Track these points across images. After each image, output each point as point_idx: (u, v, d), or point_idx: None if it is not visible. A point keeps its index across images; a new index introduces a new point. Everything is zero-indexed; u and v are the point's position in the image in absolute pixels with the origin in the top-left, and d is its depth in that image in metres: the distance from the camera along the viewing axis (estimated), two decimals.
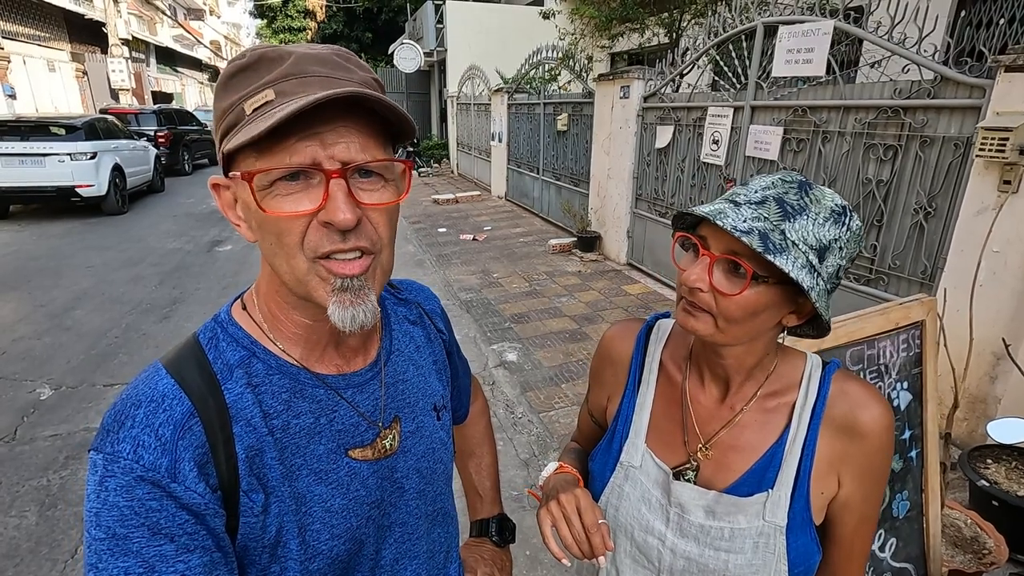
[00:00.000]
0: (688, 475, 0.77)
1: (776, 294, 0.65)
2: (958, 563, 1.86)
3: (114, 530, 0.50)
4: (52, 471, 2.71)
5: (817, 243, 0.63)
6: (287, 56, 0.55)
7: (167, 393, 0.55)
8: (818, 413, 0.72)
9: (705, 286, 0.65)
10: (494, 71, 9.78)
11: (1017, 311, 2.53)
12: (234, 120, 0.55)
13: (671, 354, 0.83)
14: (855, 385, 0.73)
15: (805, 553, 0.71)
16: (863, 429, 0.71)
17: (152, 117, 12.25)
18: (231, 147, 0.53)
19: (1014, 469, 2.23)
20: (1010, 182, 2.50)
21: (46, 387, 3.52)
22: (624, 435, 0.82)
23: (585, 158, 6.87)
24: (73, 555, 2.22)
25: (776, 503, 0.70)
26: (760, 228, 0.62)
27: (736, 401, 0.76)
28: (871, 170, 3.33)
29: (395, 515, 0.69)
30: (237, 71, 0.56)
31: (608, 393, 0.89)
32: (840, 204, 0.65)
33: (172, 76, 27.15)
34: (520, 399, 3.43)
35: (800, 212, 0.64)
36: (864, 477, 0.72)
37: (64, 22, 16.82)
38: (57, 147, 7.71)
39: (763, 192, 0.65)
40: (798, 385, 0.75)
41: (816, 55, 3.48)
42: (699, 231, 0.68)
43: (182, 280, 5.59)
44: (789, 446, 0.72)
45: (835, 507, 0.74)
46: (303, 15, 23.05)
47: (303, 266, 0.56)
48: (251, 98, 0.54)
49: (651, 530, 0.77)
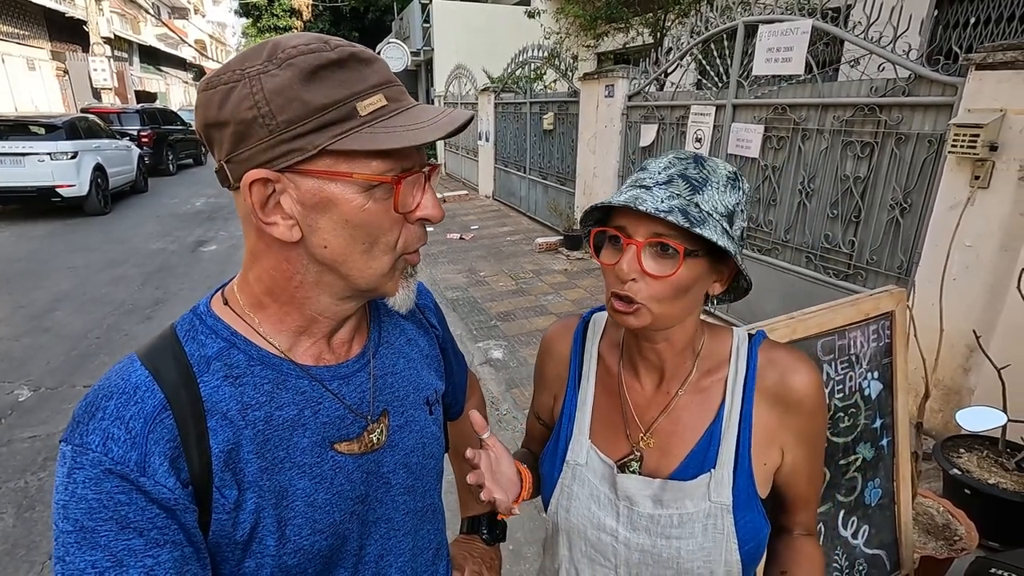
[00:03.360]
0: (633, 466, 0.76)
1: (702, 265, 0.67)
2: (930, 549, 1.90)
3: (82, 523, 0.49)
4: (30, 473, 2.68)
5: (725, 209, 0.67)
6: (374, 59, 0.57)
7: (140, 385, 0.54)
8: (750, 385, 0.73)
9: (638, 274, 0.66)
10: (481, 70, 9.78)
11: (988, 304, 2.58)
12: (341, 117, 0.53)
13: (608, 346, 0.84)
14: (781, 352, 0.75)
15: (753, 528, 0.72)
16: (796, 395, 0.72)
17: (135, 116, 12.08)
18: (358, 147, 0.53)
19: (985, 458, 2.28)
20: (980, 177, 2.55)
21: (25, 388, 3.47)
22: (569, 433, 0.82)
23: (571, 157, 6.89)
24: (51, 556, 2.19)
25: (720, 482, 0.71)
26: (678, 206, 0.64)
27: (672, 384, 0.76)
28: (849, 167, 3.38)
29: (380, 510, 0.68)
30: (326, 64, 0.53)
31: (554, 392, 0.89)
32: (732, 170, 0.69)
33: (156, 75, 26.82)
34: (505, 396, 3.44)
35: (704, 184, 0.66)
36: (805, 440, 0.75)
37: (44, 20, 16.54)
38: (37, 146, 7.59)
39: (666, 172, 0.67)
40: (727, 360, 0.76)
41: (795, 54, 3.53)
42: (614, 223, 0.68)
43: (165, 281, 5.54)
44: (726, 422, 0.73)
45: (783, 474, 0.76)
46: (289, 14, 22.89)
47: (388, 263, 0.60)
48: (364, 99, 0.54)
49: (603, 527, 0.77)
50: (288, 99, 0.51)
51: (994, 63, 2.49)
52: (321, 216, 0.55)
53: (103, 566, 0.49)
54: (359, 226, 0.56)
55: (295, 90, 0.51)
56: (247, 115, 0.52)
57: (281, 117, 0.52)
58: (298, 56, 0.52)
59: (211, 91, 0.54)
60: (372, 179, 0.55)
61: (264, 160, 0.53)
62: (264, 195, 0.55)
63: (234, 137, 0.53)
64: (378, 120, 0.54)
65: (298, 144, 0.52)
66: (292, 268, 0.59)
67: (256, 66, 0.52)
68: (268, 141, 0.52)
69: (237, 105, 0.52)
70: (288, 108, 0.51)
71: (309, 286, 0.60)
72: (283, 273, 0.59)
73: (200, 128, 0.56)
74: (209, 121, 0.54)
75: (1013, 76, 2.43)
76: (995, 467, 2.22)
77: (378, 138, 0.53)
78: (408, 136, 0.54)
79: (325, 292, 0.61)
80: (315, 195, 0.54)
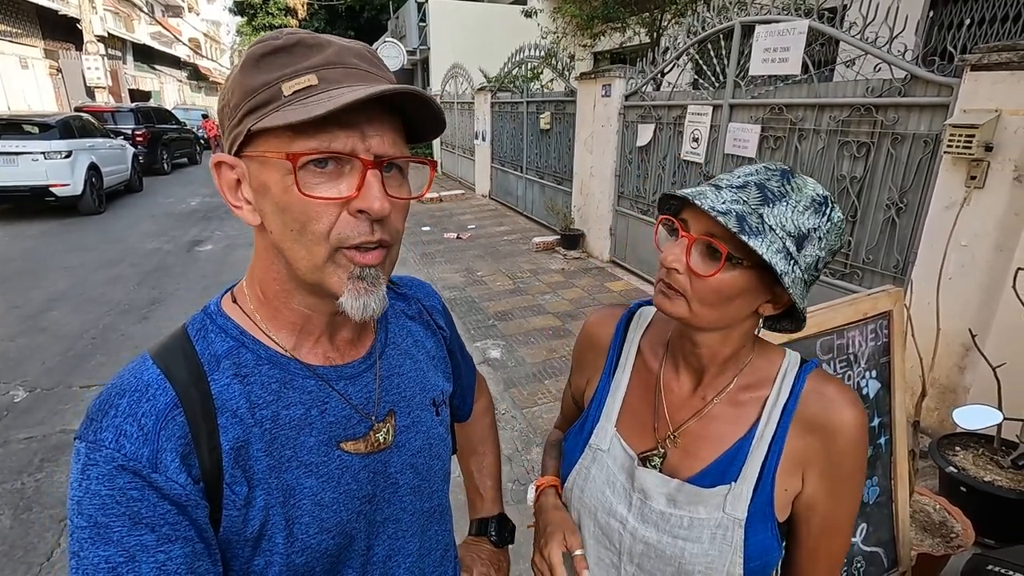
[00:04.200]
0: (654, 462, 0.77)
1: (751, 279, 0.65)
2: (927, 547, 1.91)
3: (95, 518, 0.50)
4: (27, 474, 2.66)
5: (795, 230, 0.63)
6: (327, 44, 0.56)
7: (151, 383, 0.55)
8: (789, 410, 0.72)
9: (682, 267, 0.66)
10: (477, 70, 9.77)
11: (984, 303, 2.60)
12: (267, 99, 0.54)
13: (650, 341, 0.84)
14: (832, 387, 0.72)
15: (763, 548, 0.71)
16: (833, 429, 0.70)
17: (129, 115, 12.02)
18: (268, 124, 0.53)
19: (981, 456, 2.30)
20: (976, 177, 2.57)
21: (20, 389, 3.45)
22: (596, 418, 0.83)
23: (568, 156, 6.90)
24: (48, 558, 2.18)
25: (738, 496, 0.71)
26: (738, 210, 0.62)
27: (708, 391, 0.76)
28: (845, 167, 3.40)
29: (388, 511, 0.68)
30: (272, 51, 0.55)
31: (588, 376, 0.90)
32: (822, 194, 0.65)
33: (150, 74, 26.65)
34: (503, 396, 3.44)
35: (780, 198, 0.64)
36: (829, 477, 0.71)
37: (37, 18, 16.39)
38: (31, 146, 7.53)
39: (745, 178, 0.66)
40: (772, 381, 0.74)
41: (792, 54, 3.55)
42: (681, 215, 0.69)
43: (161, 280, 5.51)
44: (757, 441, 0.72)
45: (799, 506, 0.73)
46: (284, 12, 22.82)
47: (323, 254, 0.56)
48: (291, 80, 0.54)
49: (613, 513, 0.78)
50: (236, 85, 0.56)
51: (989, 64, 2.50)
52: (263, 199, 0.57)
53: (116, 561, 0.50)
54: (285, 209, 0.55)
55: (242, 76, 0.56)
56: (219, 105, 0.60)
57: (232, 103, 0.56)
58: (254, 46, 0.57)
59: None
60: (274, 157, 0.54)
61: (228, 146, 0.58)
62: (231, 180, 0.59)
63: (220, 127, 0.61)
64: (300, 99, 0.53)
65: (239, 128, 0.56)
66: (269, 259, 0.61)
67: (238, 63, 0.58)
68: (227, 127, 0.58)
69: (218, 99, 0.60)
70: (235, 94, 0.56)
71: (284, 279, 0.61)
72: (266, 265, 0.61)
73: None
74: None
75: (1008, 77, 2.45)
76: (990, 465, 2.24)
77: (288, 115, 0.52)
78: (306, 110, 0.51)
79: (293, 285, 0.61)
80: (256, 178, 0.57)
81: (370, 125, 0.55)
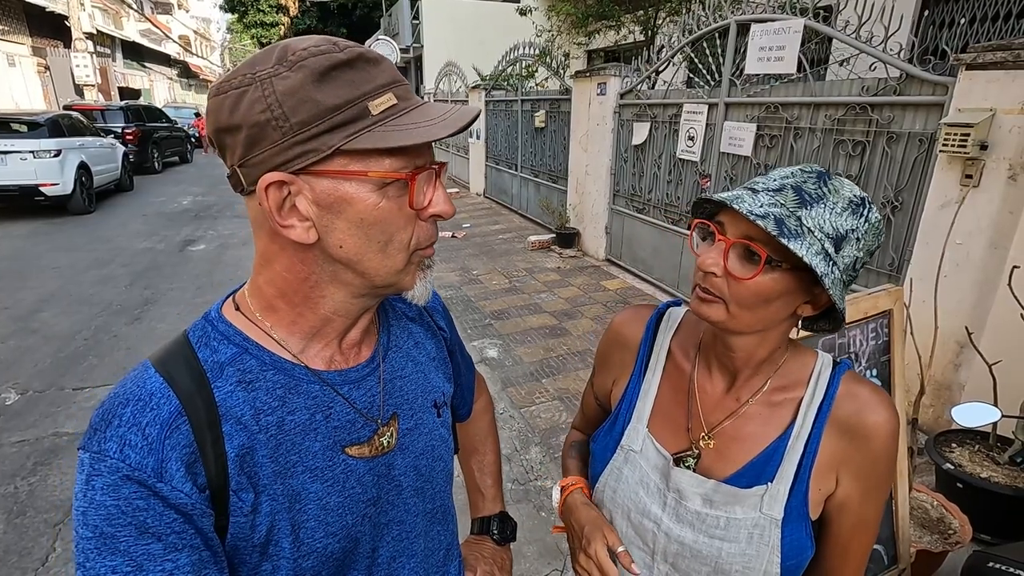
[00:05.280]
0: (688, 462, 0.77)
1: (790, 281, 0.65)
2: (925, 543, 1.93)
3: (101, 529, 0.50)
4: (20, 478, 2.63)
5: (834, 232, 0.63)
6: (380, 58, 0.57)
7: (155, 392, 0.55)
8: (824, 412, 0.72)
9: (719, 270, 0.66)
10: (471, 68, 9.74)
11: (979, 300, 2.63)
12: (353, 116, 0.53)
13: (680, 342, 0.84)
14: (866, 389, 0.73)
15: (798, 547, 0.72)
16: (868, 431, 0.70)
17: (119, 114, 11.89)
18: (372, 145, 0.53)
19: (977, 452, 2.32)
20: (971, 176, 2.59)
21: (12, 392, 3.41)
22: (627, 419, 0.83)
23: (563, 155, 6.90)
24: (44, 563, 2.16)
25: (774, 497, 0.71)
26: (776, 214, 0.63)
27: (743, 392, 0.76)
28: (840, 165, 3.42)
29: (392, 513, 0.69)
30: (336, 65, 0.53)
31: (614, 376, 0.89)
32: (859, 195, 0.65)
33: (140, 72, 26.39)
34: (501, 395, 3.44)
35: (817, 200, 0.64)
36: (863, 479, 0.72)
37: (24, 15, 16.19)
38: (19, 144, 7.43)
39: (781, 180, 0.66)
40: (806, 382, 0.75)
41: (787, 53, 3.56)
42: (717, 218, 0.69)
43: (154, 281, 5.45)
44: (792, 442, 0.72)
45: (832, 506, 0.74)
46: (275, 10, 22.66)
47: (403, 260, 0.60)
48: (375, 99, 0.54)
49: (647, 513, 0.78)
50: (300, 100, 0.52)
51: (984, 63, 2.52)
52: (337, 216, 0.56)
53: (123, 571, 0.50)
54: (374, 224, 0.56)
55: (307, 91, 0.52)
56: (260, 118, 0.52)
57: (294, 119, 0.52)
58: (309, 58, 0.52)
59: (222, 96, 0.53)
60: (387, 176, 0.55)
61: (279, 163, 0.53)
62: (280, 198, 0.54)
63: (247, 141, 0.53)
64: (389, 119, 0.55)
65: (312, 145, 0.52)
66: (307, 269, 0.59)
67: (267, 69, 0.52)
68: (281, 144, 0.52)
69: (249, 108, 0.52)
70: (301, 109, 0.52)
71: (324, 284, 0.60)
72: (297, 274, 0.60)
73: (211, 133, 0.56)
74: (221, 126, 0.54)
75: (1003, 76, 2.46)
76: (987, 461, 2.26)
77: (391, 136, 0.53)
78: (420, 133, 0.54)
79: (341, 289, 0.61)
80: (330, 195, 0.55)
81: None
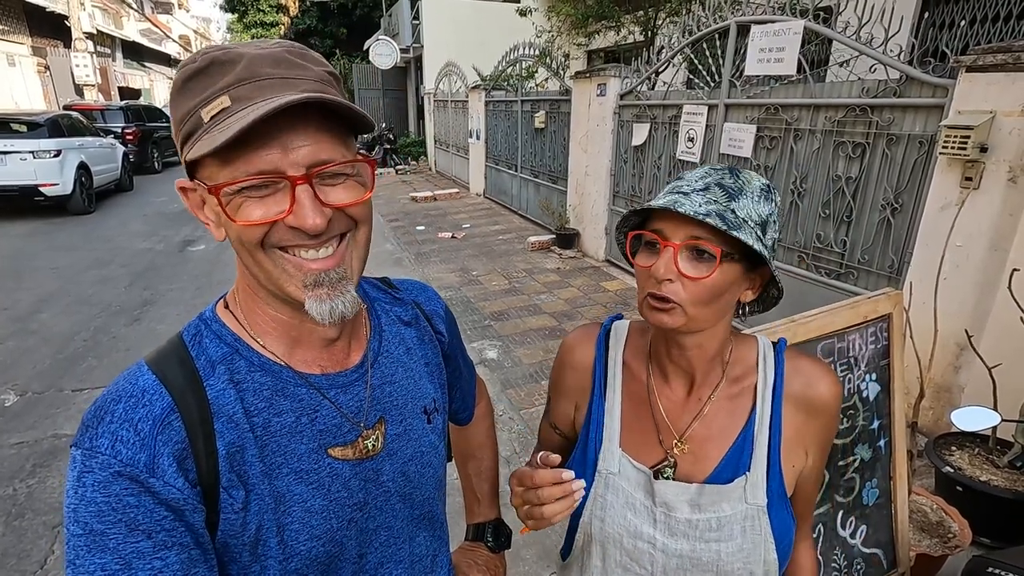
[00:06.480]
0: (667, 472, 0.77)
1: (737, 271, 0.69)
2: (925, 547, 1.92)
3: (91, 526, 0.50)
4: (19, 480, 2.63)
5: (759, 218, 0.69)
6: (239, 59, 0.54)
7: (147, 388, 0.55)
8: (779, 391, 0.76)
9: (674, 275, 0.67)
10: (471, 68, 9.73)
11: (979, 303, 2.62)
12: (192, 127, 0.54)
13: (632, 354, 0.83)
14: (805, 361, 0.78)
15: (785, 527, 0.74)
16: (819, 403, 0.76)
17: (119, 114, 11.90)
18: (192, 156, 0.54)
19: (977, 455, 2.32)
20: (971, 178, 2.58)
21: (11, 393, 3.40)
22: (598, 442, 0.81)
23: (563, 155, 6.89)
24: (43, 565, 2.16)
25: (755, 484, 0.73)
26: (715, 210, 0.66)
27: (703, 391, 0.77)
28: (840, 167, 3.41)
29: (380, 518, 0.68)
30: (190, 76, 0.55)
31: (575, 401, 0.87)
32: (765, 183, 0.71)
33: (140, 71, 26.38)
34: (500, 397, 3.43)
35: (740, 193, 0.69)
36: (821, 443, 0.78)
37: (24, 14, 16.18)
38: (19, 145, 7.44)
39: (703, 180, 0.70)
40: (755, 367, 0.78)
41: (787, 54, 3.55)
42: (651, 227, 0.70)
43: (153, 281, 5.45)
44: (758, 426, 0.75)
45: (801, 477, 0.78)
46: (275, 9, 22.65)
47: (270, 262, 0.57)
48: (207, 104, 0.53)
49: (640, 535, 0.76)
50: (172, 113, 0.57)
51: (984, 65, 2.52)
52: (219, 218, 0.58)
53: (112, 569, 0.50)
54: (228, 226, 0.57)
55: (174, 104, 0.57)
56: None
57: (173, 133, 0.58)
58: (178, 71, 0.57)
59: None
60: (212, 191, 0.54)
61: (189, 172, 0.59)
62: (193, 200, 0.60)
63: None
64: (217, 124, 0.52)
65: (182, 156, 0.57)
66: (241, 270, 0.63)
67: None
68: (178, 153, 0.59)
69: None
70: (173, 122, 0.58)
71: (255, 287, 0.62)
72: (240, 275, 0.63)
73: None
74: None
75: (1003, 78, 2.46)
76: (986, 464, 2.26)
77: (201, 146, 0.52)
78: (212, 139, 0.51)
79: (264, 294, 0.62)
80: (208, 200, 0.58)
81: (293, 135, 0.53)
